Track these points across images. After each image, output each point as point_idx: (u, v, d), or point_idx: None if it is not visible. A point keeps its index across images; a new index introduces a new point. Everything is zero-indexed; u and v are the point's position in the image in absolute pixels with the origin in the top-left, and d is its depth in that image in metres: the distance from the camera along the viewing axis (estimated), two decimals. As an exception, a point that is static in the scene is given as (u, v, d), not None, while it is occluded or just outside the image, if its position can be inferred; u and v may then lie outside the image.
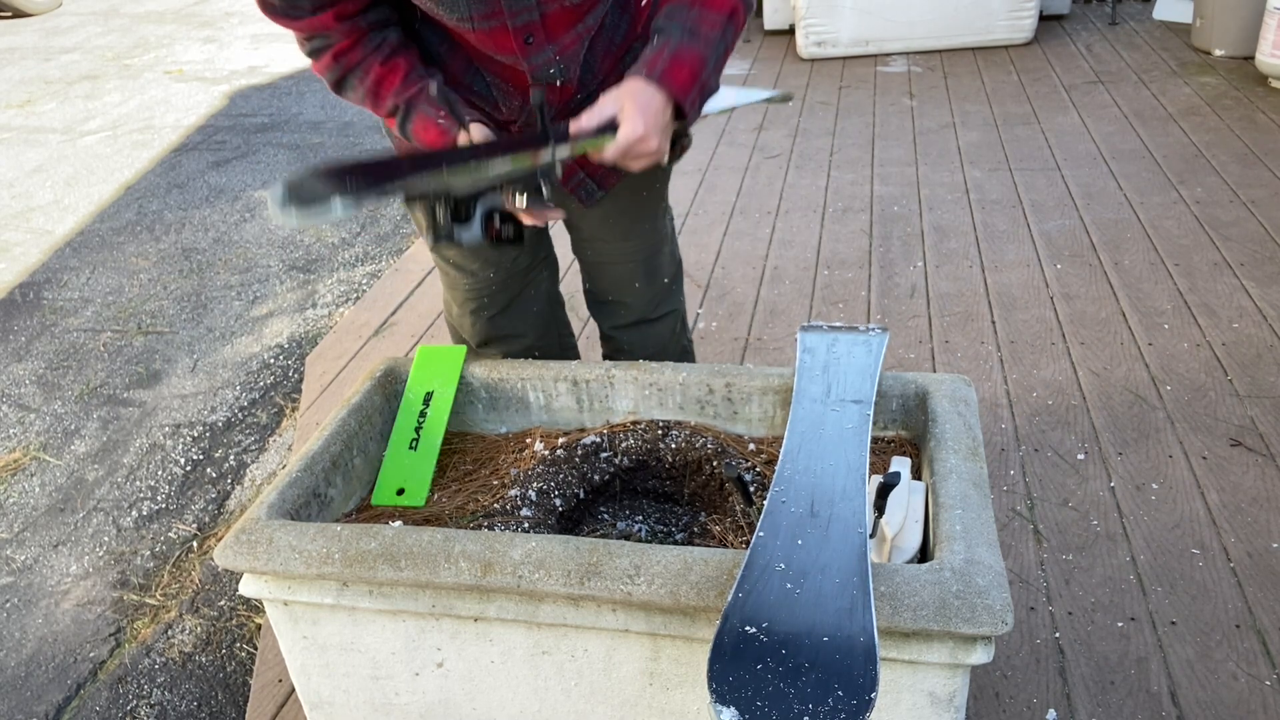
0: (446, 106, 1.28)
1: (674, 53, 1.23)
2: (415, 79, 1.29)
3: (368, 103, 1.31)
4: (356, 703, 1.22)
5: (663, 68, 1.21)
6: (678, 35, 1.24)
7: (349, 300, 3.18)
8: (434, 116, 1.27)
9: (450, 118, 1.27)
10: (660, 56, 1.22)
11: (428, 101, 1.28)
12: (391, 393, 1.45)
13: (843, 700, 0.78)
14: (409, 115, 1.29)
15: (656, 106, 1.19)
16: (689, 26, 1.24)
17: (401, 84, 1.28)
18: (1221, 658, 1.57)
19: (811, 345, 1.37)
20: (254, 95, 5.66)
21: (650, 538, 1.24)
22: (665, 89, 1.20)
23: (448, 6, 1.21)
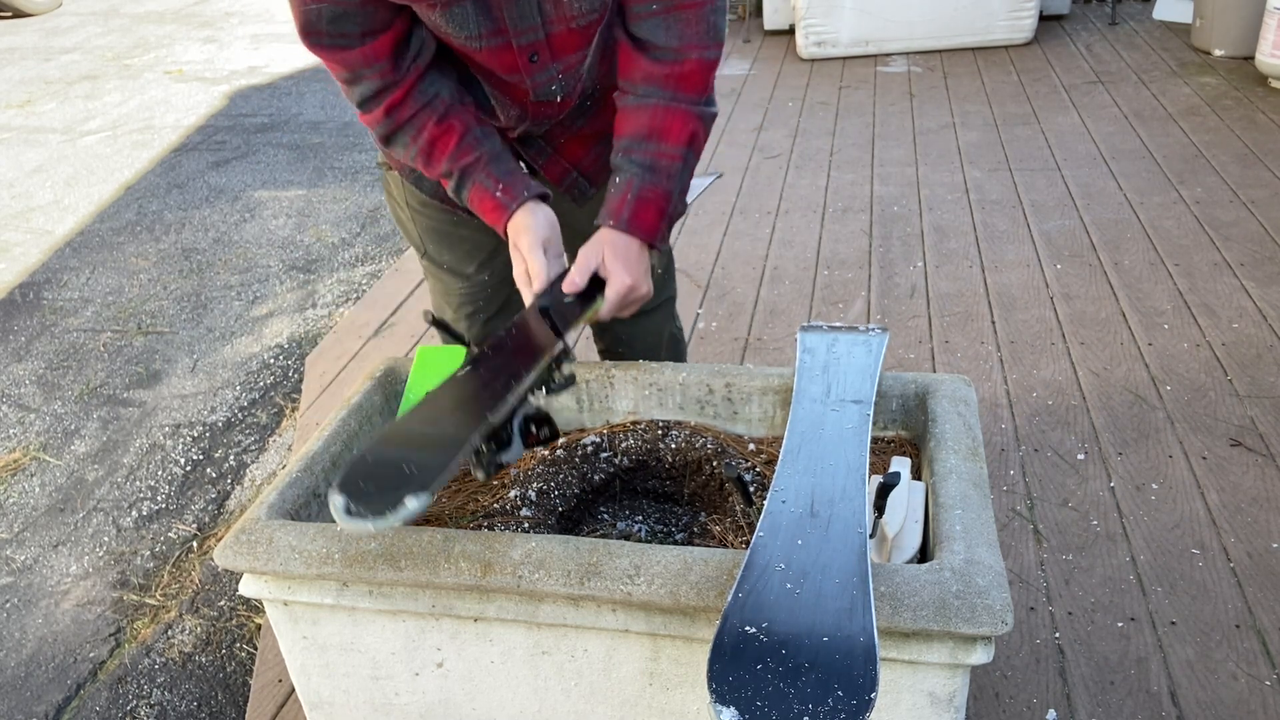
0: (506, 178, 1.26)
1: (637, 196, 1.24)
2: (471, 143, 1.26)
3: (419, 162, 1.28)
4: (356, 703, 1.22)
5: (629, 215, 1.23)
6: (638, 176, 1.25)
7: (349, 300, 3.18)
8: (492, 190, 1.26)
9: (509, 191, 1.25)
10: (624, 202, 1.24)
11: (485, 172, 1.26)
12: (391, 393, 1.45)
13: (843, 700, 0.78)
14: (464, 183, 1.27)
15: (634, 254, 1.23)
16: (647, 163, 1.25)
17: (456, 148, 1.26)
18: (1221, 658, 1.57)
19: (811, 345, 1.37)
20: (254, 95, 5.66)
21: (650, 538, 1.24)
22: (636, 235, 1.23)
23: (457, 25, 1.19)
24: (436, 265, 1.58)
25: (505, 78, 1.28)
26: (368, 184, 4.24)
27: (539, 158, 1.49)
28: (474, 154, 1.26)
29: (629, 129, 1.26)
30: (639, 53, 1.24)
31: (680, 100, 1.25)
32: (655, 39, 1.22)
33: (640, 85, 1.25)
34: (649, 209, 1.24)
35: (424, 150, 1.26)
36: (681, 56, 1.22)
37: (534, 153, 1.48)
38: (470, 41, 1.21)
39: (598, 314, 1.24)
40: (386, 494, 0.90)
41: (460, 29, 1.19)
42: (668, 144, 1.24)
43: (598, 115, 1.42)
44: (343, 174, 4.37)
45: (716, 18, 1.22)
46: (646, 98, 1.25)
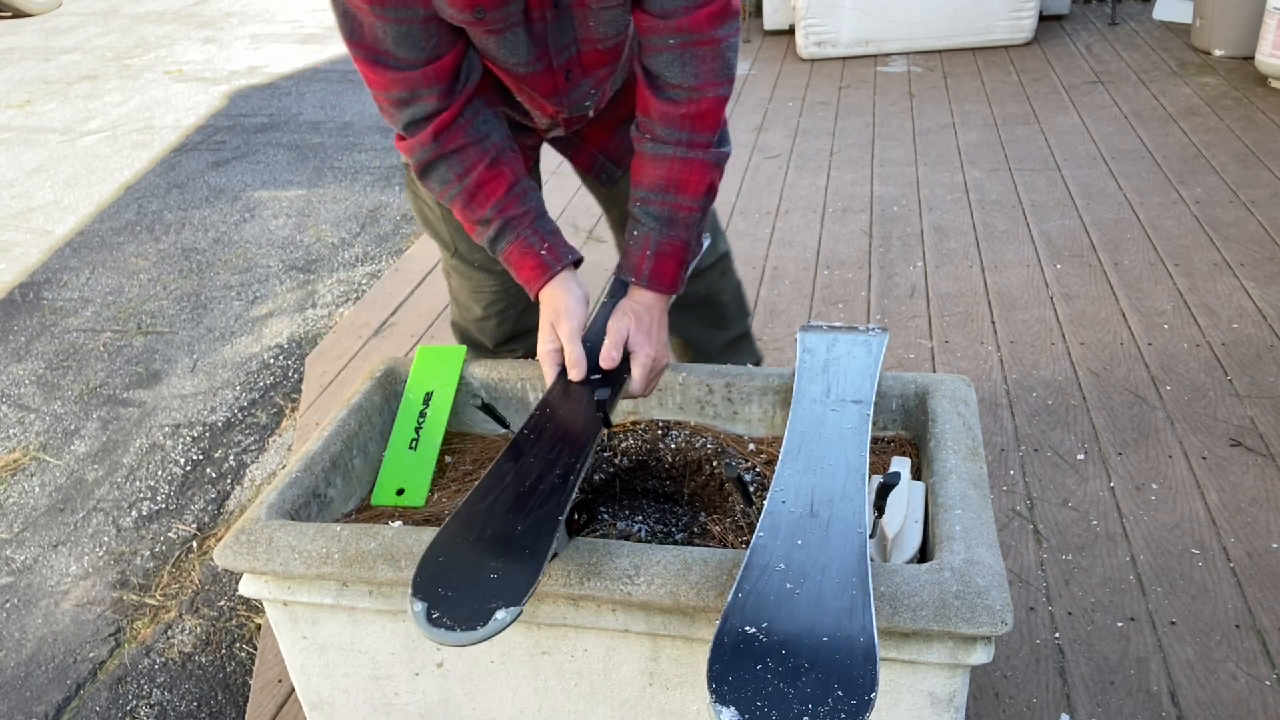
0: (550, 238, 1.25)
1: (656, 251, 1.27)
2: (519, 194, 1.25)
3: (457, 201, 1.26)
4: (356, 703, 1.22)
5: (649, 270, 1.27)
6: (656, 230, 1.27)
7: (349, 300, 3.18)
8: (536, 248, 1.25)
9: (554, 252, 1.25)
10: (645, 259, 1.27)
11: (531, 229, 1.25)
12: (391, 393, 1.45)
13: (842, 700, 0.78)
14: (505, 234, 1.26)
15: (656, 316, 1.27)
16: (665, 216, 1.26)
17: (504, 196, 1.25)
18: (1221, 658, 1.57)
19: (811, 345, 1.37)
20: (254, 95, 5.66)
21: (650, 538, 1.24)
22: (657, 290, 1.27)
23: (509, 50, 1.21)
24: (467, 263, 1.56)
25: (544, 99, 1.32)
26: (368, 184, 4.24)
27: (567, 148, 1.54)
28: (521, 207, 1.25)
29: (647, 180, 1.27)
30: (654, 91, 1.24)
31: (697, 146, 1.25)
32: (670, 76, 1.22)
33: (659, 126, 1.25)
34: (669, 262, 1.27)
35: (469, 190, 1.24)
36: (697, 95, 1.22)
37: (561, 144, 1.53)
38: (518, 66, 1.24)
39: (628, 391, 1.24)
40: (473, 603, 0.87)
41: (510, 54, 1.21)
42: (686, 196, 1.26)
43: (620, 104, 1.47)
44: (343, 174, 4.37)
45: (730, 55, 1.23)
46: (664, 146, 1.25)
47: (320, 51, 6.62)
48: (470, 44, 1.22)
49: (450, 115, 1.21)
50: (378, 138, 4.84)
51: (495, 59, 1.24)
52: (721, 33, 1.19)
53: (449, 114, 1.21)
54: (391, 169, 4.41)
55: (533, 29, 1.20)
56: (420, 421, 1.39)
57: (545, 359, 1.24)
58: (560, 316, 1.22)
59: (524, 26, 1.19)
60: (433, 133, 1.21)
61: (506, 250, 1.27)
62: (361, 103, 5.43)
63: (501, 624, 0.85)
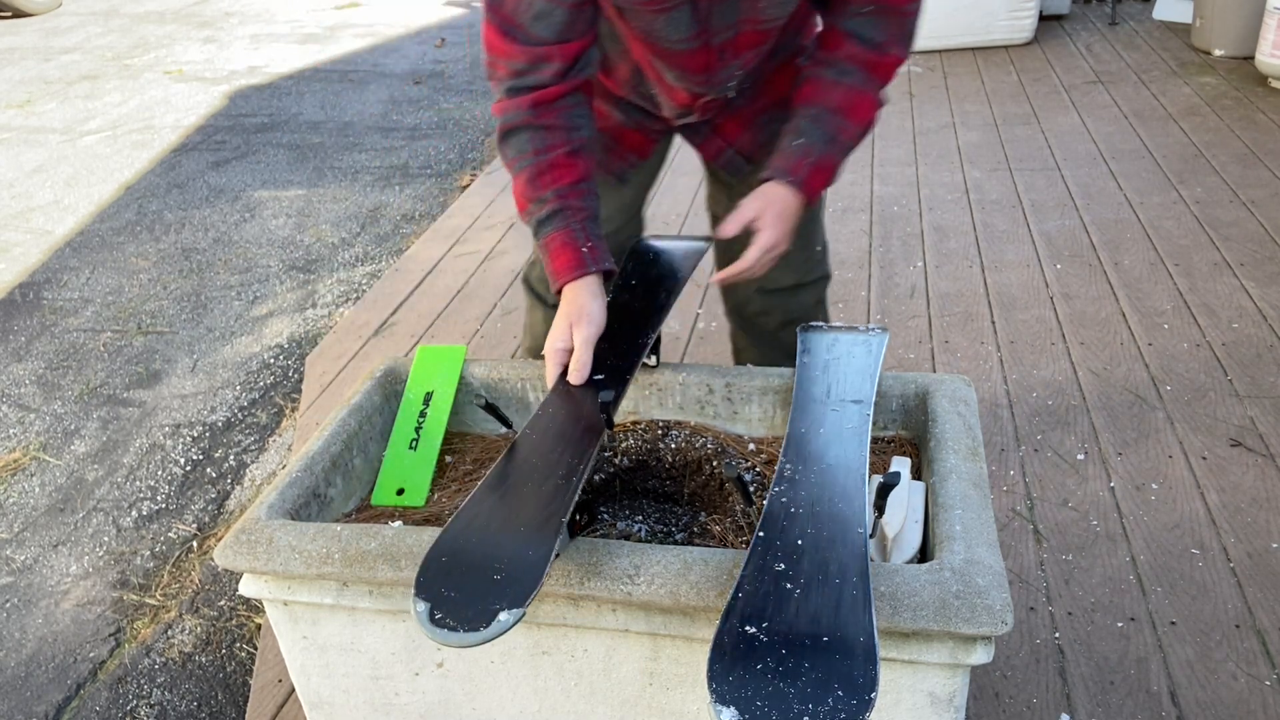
0: (597, 241, 1.26)
1: (815, 162, 1.32)
2: (584, 189, 1.26)
3: (524, 172, 1.26)
4: (356, 703, 1.22)
5: (804, 176, 1.32)
6: (820, 144, 1.33)
7: (349, 300, 3.18)
8: (580, 243, 1.24)
9: (595, 254, 1.25)
10: (803, 164, 1.32)
11: (582, 225, 1.25)
12: (391, 393, 1.45)
13: (842, 700, 0.78)
14: (554, 219, 1.25)
15: (791, 213, 1.32)
16: (831, 134, 1.33)
17: (570, 185, 1.25)
18: (1221, 658, 1.57)
19: (811, 345, 1.37)
20: (254, 95, 5.66)
21: (650, 538, 1.24)
22: (802, 194, 1.32)
23: (672, 28, 1.25)
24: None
25: (690, 75, 1.34)
26: (368, 184, 4.24)
27: (696, 137, 1.57)
28: (581, 201, 1.26)
29: (821, 99, 1.33)
30: (845, 37, 1.31)
31: (871, 85, 1.33)
32: (863, 33, 1.30)
33: (842, 62, 1.32)
34: (821, 175, 1.34)
35: (541, 166, 1.25)
36: (882, 51, 1.31)
37: (690, 132, 1.56)
38: (678, 44, 1.28)
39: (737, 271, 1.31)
40: (476, 604, 0.87)
41: (674, 31, 1.25)
42: (852, 122, 1.33)
43: (756, 97, 1.49)
44: (343, 174, 4.37)
45: (913, 26, 1.32)
46: (844, 75, 1.32)
47: (320, 51, 6.62)
48: (597, 35, 1.26)
49: (555, 93, 1.24)
50: (378, 138, 4.84)
51: (655, 36, 1.27)
52: (911, 8, 1.29)
53: (555, 91, 1.24)
54: (391, 169, 4.41)
55: (698, 6, 1.23)
56: (420, 421, 1.39)
57: (551, 357, 1.24)
58: (582, 319, 1.22)
59: (691, 4, 1.23)
60: (532, 102, 1.24)
61: (550, 235, 1.26)
62: (361, 102, 5.43)
63: (505, 625, 0.85)
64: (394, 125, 5.04)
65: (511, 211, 3.64)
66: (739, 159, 1.56)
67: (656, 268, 1.48)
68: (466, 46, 6.60)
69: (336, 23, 7.47)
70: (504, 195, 3.81)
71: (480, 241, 3.42)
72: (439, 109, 5.28)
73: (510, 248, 3.34)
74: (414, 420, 1.40)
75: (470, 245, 3.40)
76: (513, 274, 3.14)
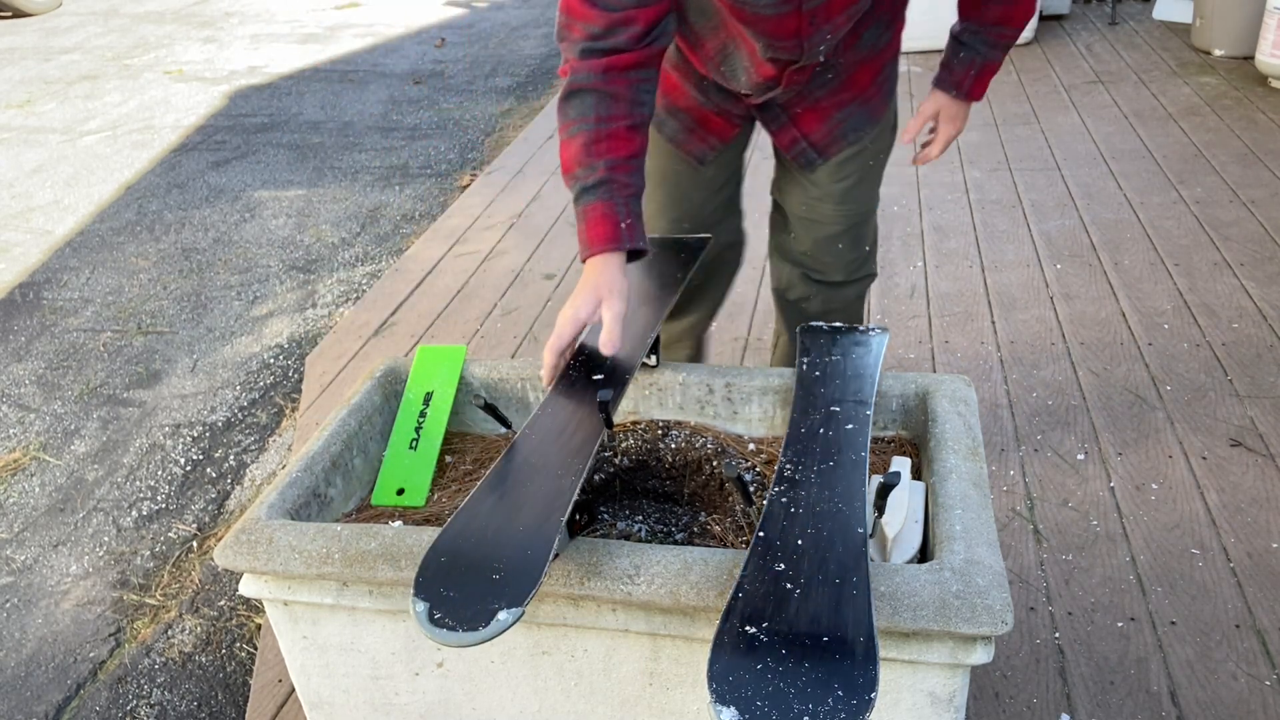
0: (637, 219, 1.24)
1: (979, 70, 1.54)
2: (635, 167, 1.25)
3: (578, 137, 1.24)
4: (356, 703, 1.22)
5: (969, 85, 1.56)
6: (983, 51, 1.52)
7: (349, 300, 3.18)
8: (620, 218, 1.22)
9: (632, 231, 1.23)
10: (967, 76, 1.55)
11: (626, 202, 1.23)
12: (391, 393, 1.45)
13: (842, 700, 0.78)
14: (598, 190, 1.23)
15: (963, 113, 1.62)
16: (992, 40, 1.51)
17: (623, 159, 1.23)
18: (1221, 658, 1.57)
19: (811, 345, 1.37)
20: (254, 95, 5.66)
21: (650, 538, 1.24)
22: (970, 100, 1.59)
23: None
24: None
25: (780, 42, 1.34)
26: (368, 184, 4.24)
27: (773, 123, 1.59)
28: (628, 177, 1.24)
29: (982, 17, 1.48)
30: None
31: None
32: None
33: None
34: (985, 79, 1.55)
35: (598, 134, 1.23)
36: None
37: (769, 118, 1.59)
38: (766, 9, 1.27)
39: (922, 157, 1.65)
40: (475, 604, 0.87)
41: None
42: (1011, 27, 1.49)
43: (838, 90, 1.52)
44: (343, 174, 4.37)
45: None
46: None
47: (320, 51, 6.62)
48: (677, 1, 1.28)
49: (627, 61, 1.22)
50: (378, 138, 4.84)
51: (742, 4, 1.27)
52: None
53: (627, 59, 1.22)
54: (391, 169, 4.41)
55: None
56: (420, 421, 1.39)
57: (567, 321, 1.20)
58: (612, 294, 1.19)
59: None
60: (605, 67, 1.22)
61: (591, 203, 1.23)
62: (361, 102, 5.43)
63: (504, 625, 0.85)
64: (394, 125, 5.04)
65: (511, 211, 3.64)
66: (811, 152, 1.58)
67: (656, 267, 1.48)
68: (466, 46, 6.60)
69: (336, 23, 7.47)
70: (504, 195, 3.81)
71: (480, 241, 3.42)
72: (439, 109, 5.28)
73: (510, 248, 3.34)
74: (414, 420, 1.40)
75: (470, 245, 3.40)
76: (513, 274, 3.14)
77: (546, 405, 1.20)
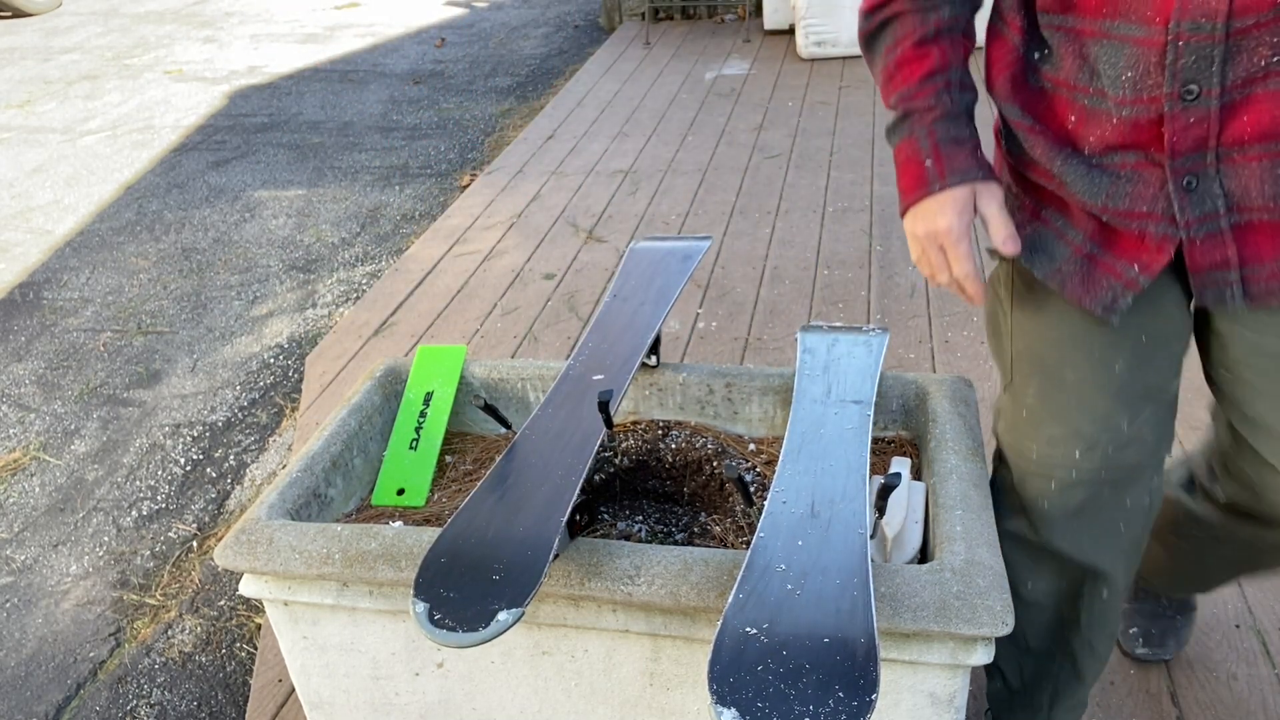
0: (948, 148, 0.97)
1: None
2: (935, 85, 0.97)
3: (879, 83, 1.04)
4: (356, 703, 1.22)
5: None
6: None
7: (349, 300, 3.18)
8: (924, 154, 0.97)
9: (942, 165, 0.96)
10: None
11: (928, 131, 0.97)
12: (391, 393, 1.45)
13: (843, 701, 0.78)
14: (899, 129, 1.01)
15: None
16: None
17: (918, 83, 0.98)
18: (1221, 658, 1.57)
19: (811, 345, 1.37)
20: (254, 95, 5.66)
21: (650, 538, 1.24)
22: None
23: None
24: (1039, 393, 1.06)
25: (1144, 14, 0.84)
26: (368, 184, 4.24)
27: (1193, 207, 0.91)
28: (930, 99, 0.97)
29: None
30: None
31: None
32: None
33: None
34: None
35: (889, 69, 1.01)
36: None
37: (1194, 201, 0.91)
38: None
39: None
40: (475, 604, 0.87)
41: None
42: None
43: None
44: (343, 174, 4.37)
45: None
46: None
47: (320, 51, 6.61)
48: None
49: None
50: (378, 138, 4.84)
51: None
52: None
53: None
54: (391, 169, 4.41)
55: None
56: (420, 421, 1.39)
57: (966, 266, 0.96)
58: (949, 242, 0.95)
59: None
60: (871, 6, 1.02)
61: (896, 147, 1.01)
62: (361, 102, 5.43)
63: (504, 625, 0.86)
64: (394, 125, 5.04)
65: (511, 211, 3.64)
66: (1236, 289, 0.92)
67: (656, 267, 1.48)
68: (466, 46, 6.60)
69: (336, 23, 7.47)
70: (504, 195, 3.81)
71: (480, 241, 3.42)
72: (439, 109, 5.28)
73: (510, 248, 3.34)
74: (414, 420, 1.40)
75: (470, 245, 3.39)
76: (513, 274, 3.14)
77: (546, 405, 1.20)
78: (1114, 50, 0.88)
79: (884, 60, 1.02)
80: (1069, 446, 1.03)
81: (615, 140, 4.25)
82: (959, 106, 0.99)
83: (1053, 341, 1.04)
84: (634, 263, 1.48)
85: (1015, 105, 1.00)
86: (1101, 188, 0.94)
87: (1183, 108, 0.86)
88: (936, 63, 0.98)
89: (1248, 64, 0.83)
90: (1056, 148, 0.97)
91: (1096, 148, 0.94)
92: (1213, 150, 0.88)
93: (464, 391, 1.45)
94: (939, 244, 0.97)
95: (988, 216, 0.96)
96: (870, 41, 1.04)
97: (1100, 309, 0.98)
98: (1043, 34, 0.97)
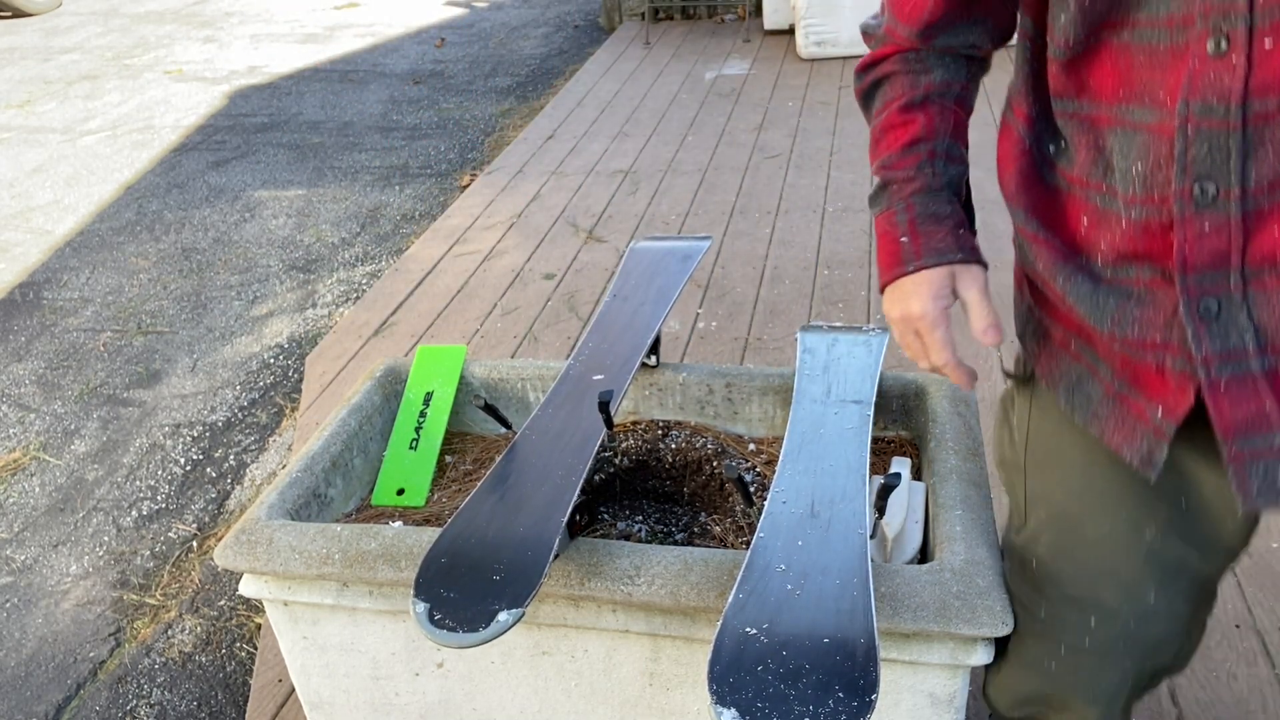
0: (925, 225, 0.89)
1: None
2: (917, 155, 0.90)
3: (869, 147, 0.97)
4: (356, 703, 1.22)
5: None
6: None
7: (349, 300, 3.18)
8: (900, 230, 0.90)
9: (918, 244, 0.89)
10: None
11: (907, 206, 0.90)
12: (391, 393, 1.45)
13: (843, 701, 0.78)
14: (879, 200, 0.94)
15: None
16: None
17: (900, 151, 0.91)
18: (1221, 658, 1.57)
19: (811, 345, 1.37)
20: (254, 95, 5.66)
21: (650, 538, 1.24)
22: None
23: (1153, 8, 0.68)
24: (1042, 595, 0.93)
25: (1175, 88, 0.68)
26: (368, 184, 4.24)
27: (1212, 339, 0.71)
28: (910, 170, 0.91)
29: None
30: None
31: None
32: None
33: None
34: None
35: (874, 134, 0.95)
36: None
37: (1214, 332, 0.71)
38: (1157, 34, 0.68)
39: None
40: (475, 604, 0.88)
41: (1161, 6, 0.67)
42: None
43: None
44: (343, 174, 4.37)
45: None
46: None
47: (320, 51, 6.61)
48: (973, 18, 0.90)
49: (887, 51, 0.94)
50: (378, 138, 4.84)
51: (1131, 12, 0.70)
52: None
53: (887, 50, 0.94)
54: (391, 169, 4.41)
55: None
56: (420, 421, 1.39)
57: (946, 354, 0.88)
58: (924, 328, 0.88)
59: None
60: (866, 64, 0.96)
61: (875, 218, 0.94)
62: (361, 102, 5.43)
63: (504, 625, 0.86)
64: (394, 125, 5.04)
65: (511, 211, 3.64)
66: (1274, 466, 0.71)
67: (656, 267, 1.47)
68: (466, 46, 6.60)
69: (336, 23, 7.47)
70: (504, 195, 3.81)
71: (480, 241, 3.41)
72: (439, 109, 5.28)
73: (510, 248, 3.33)
74: (414, 420, 1.40)
75: (470, 245, 3.39)
76: (513, 274, 3.14)
77: (546, 405, 1.20)
78: (1127, 139, 0.73)
79: (872, 123, 0.96)
80: (1083, 614, 0.89)
81: (615, 140, 4.25)
82: (941, 180, 0.91)
83: (1075, 492, 0.89)
84: (634, 263, 1.48)
85: (1021, 208, 0.86)
86: (1108, 310, 0.77)
87: (1195, 211, 0.68)
88: (922, 130, 0.91)
89: (1275, 160, 0.65)
90: (1060, 261, 0.81)
91: (1108, 257, 0.77)
92: (1237, 270, 0.69)
93: (464, 391, 1.45)
94: (914, 329, 0.89)
95: (968, 302, 0.86)
96: (864, 101, 0.98)
97: (1138, 460, 0.79)
98: (1057, 123, 0.82)
